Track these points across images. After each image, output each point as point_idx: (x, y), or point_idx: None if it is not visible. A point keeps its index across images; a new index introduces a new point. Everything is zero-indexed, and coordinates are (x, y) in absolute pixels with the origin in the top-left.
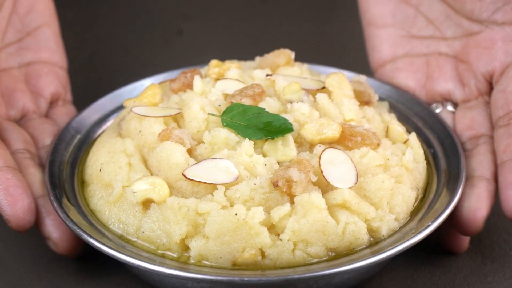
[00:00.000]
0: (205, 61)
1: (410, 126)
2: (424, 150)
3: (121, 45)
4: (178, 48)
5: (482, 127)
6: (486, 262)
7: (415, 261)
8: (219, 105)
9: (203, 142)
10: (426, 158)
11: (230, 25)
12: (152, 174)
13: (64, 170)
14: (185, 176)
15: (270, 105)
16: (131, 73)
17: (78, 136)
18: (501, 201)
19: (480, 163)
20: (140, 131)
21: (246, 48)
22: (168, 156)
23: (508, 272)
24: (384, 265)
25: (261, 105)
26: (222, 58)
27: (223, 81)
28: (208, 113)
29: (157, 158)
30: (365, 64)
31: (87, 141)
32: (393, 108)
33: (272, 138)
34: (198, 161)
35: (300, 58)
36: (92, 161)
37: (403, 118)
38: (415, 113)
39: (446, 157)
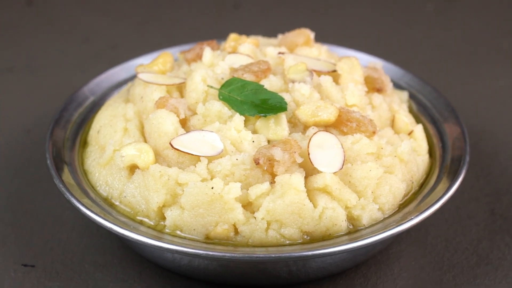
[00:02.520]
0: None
1: (426, 118)
2: (433, 143)
3: (176, 15)
4: (234, 22)
5: None
6: (481, 264)
7: (408, 255)
8: (222, 78)
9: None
10: (433, 152)
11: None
12: (145, 141)
13: (69, 129)
14: (171, 145)
15: (272, 82)
16: (178, 41)
17: (92, 98)
18: None
19: None
20: (142, 97)
21: (298, 23)
22: (159, 124)
23: (500, 276)
24: (370, 255)
25: (263, 82)
26: (268, 34)
27: (233, 55)
28: (207, 85)
29: (149, 125)
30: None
31: (100, 103)
32: (413, 98)
33: (265, 116)
34: (189, 132)
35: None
36: (94, 122)
37: (421, 110)
38: (433, 106)
39: (452, 153)
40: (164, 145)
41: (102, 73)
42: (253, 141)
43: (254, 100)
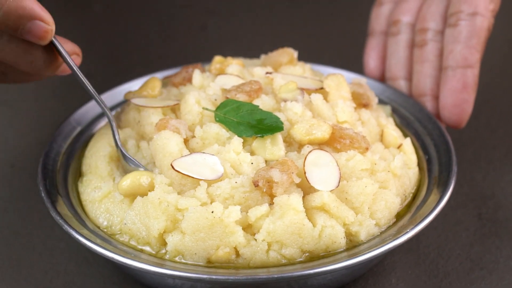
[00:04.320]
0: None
1: (410, 131)
2: (419, 156)
3: (143, 39)
4: (202, 44)
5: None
6: (475, 269)
7: (403, 265)
8: (215, 100)
9: None
10: (421, 164)
11: (253, 22)
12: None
13: (59, 160)
14: (172, 167)
15: (264, 102)
16: (152, 67)
17: (79, 128)
18: (440, 108)
19: None
20: (139, 121)
21: (267, 45)
22: (164, 144)
23: (495, 279)
24: (367, 269)
25: (256, 102)
26: (240, 54)
27: (222, 76)
28: (203, 107)
29: (154, 146)
30: None
31: (87, 133)
32: (395, 112)
33: (262, 136)
34: (190, 154)
35: (318, 57)
36: (90, 152)
37: (404, 123)
38: (416, 119)
39: (439, 164)
40: (169, 166)
41: (86, 103)
42: (252, 163)
43: (250, 121)
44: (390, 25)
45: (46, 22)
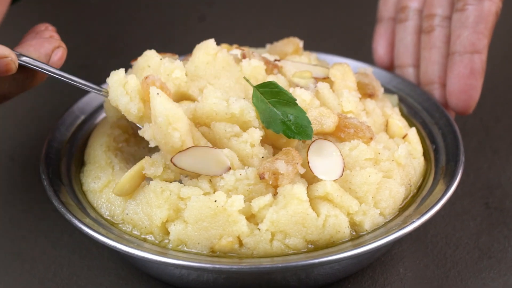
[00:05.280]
0: None
1: (417, 120)
2: (426, 145)
3: (141, 29)
4: (199, 35)
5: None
6: (483, 258)
7: (410, 255)
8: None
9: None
10: (427, 154)
11: (253, 12)
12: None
13: (62, 149)
14: (173, 164)
15: (279, 80)
16: None
17: (82, 117)
18: (447, 94)
19: None
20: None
21: (270, 35)
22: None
23: (504, 268)
24: (374, 258)
25: (271, 78)
26: (241, 45)
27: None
28: (244, 77)
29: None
30: None
31: (90, 122)
32: (402, 102)
33: (289, 137)
34: (186, 149)
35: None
36: (92, 141)
37: (411, 112)
38: (424, 108)
39: (446, 153)
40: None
41: (90, 92)
42: (262, 157)
43: (282, 109)
44: (398, 12)
45: (3, 56)
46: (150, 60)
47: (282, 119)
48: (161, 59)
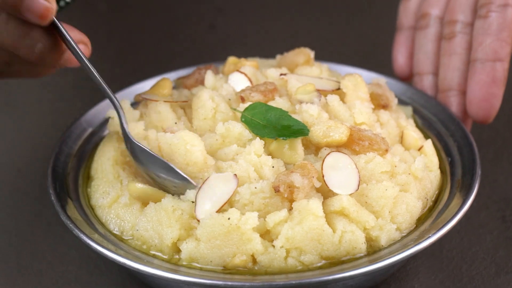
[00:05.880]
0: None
1: (432, 132)
2: (442, 158)
3: (151, 38)
4: (209, 43)
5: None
6: (500, 273)
7: (425, 270)
8: (229, 99)
9: (209, 131)
10: (443, 167)
11: (263, 21)
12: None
13: (69, 163)
14: (198, 220)
15: (278, 104)
16: (159, 67)
17: (90, 130)
18: (467, 102)
19: None
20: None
21: (279, 44)
22: (187, 151)
23: None
24: (389, 274)
25: (270, 103)
26: (252, 54)
27: (234, 75)
28: (231, 108)
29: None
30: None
31: (98, 135)
32: (417, 113)
33: (285, 139)
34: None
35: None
36: (99, 155)
37: (426, 124)
38: (439, 119)
39: (462, 166)
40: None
41: (97, 104)
42: (272, 166)
43: (276, 125)
44: (419, 19)
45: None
46: None
47: (275, 128)
48: None
